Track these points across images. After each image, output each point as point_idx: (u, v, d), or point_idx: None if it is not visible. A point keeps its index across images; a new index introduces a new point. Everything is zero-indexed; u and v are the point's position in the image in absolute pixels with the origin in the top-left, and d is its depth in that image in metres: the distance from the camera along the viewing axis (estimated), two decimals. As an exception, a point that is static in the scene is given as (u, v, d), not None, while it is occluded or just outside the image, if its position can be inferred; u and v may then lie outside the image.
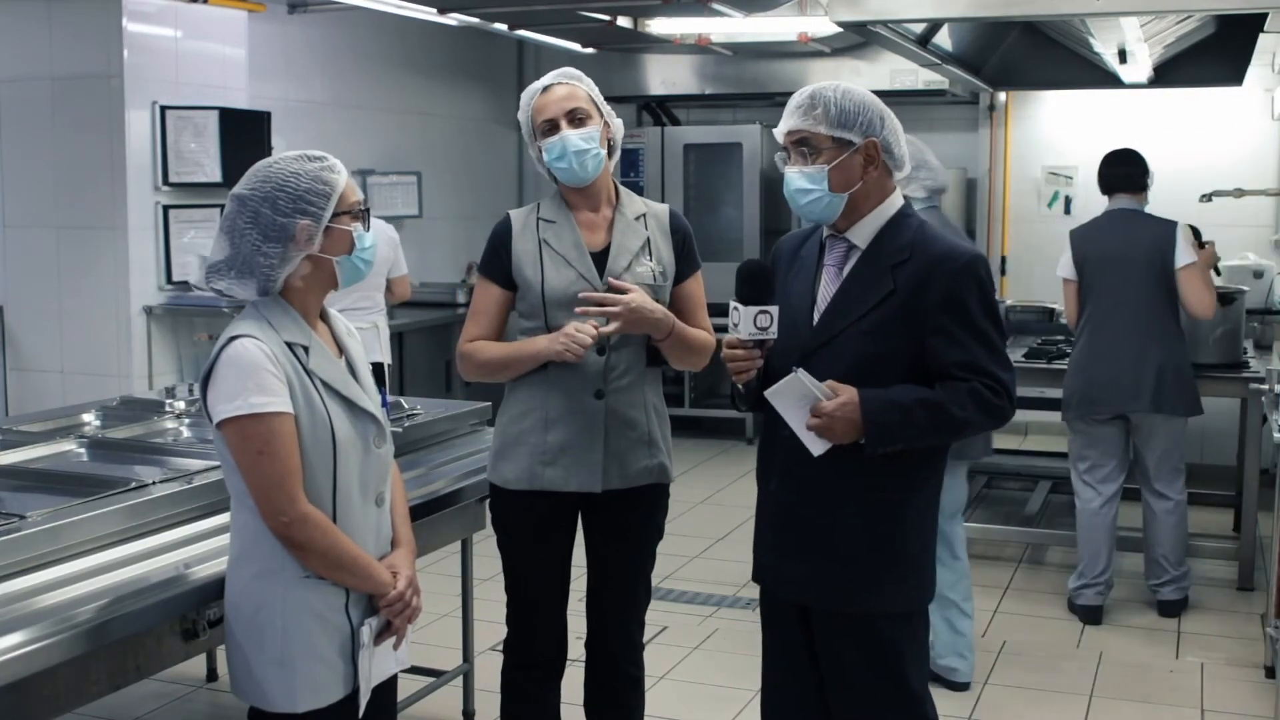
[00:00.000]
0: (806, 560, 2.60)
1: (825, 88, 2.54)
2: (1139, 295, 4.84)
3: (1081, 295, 4.96)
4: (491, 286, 3.03)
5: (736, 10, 6.45)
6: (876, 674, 2.57)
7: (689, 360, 3.08)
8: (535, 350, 2.94)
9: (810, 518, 2.59)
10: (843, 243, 2.60)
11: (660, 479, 3.08)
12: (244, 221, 2.35)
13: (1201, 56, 6.42)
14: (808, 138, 2.53)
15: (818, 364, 2.53)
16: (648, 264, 3.02)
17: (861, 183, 2.53)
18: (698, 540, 6.09)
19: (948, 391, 2.49)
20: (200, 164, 5.95)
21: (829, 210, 2.55)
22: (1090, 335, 4.92)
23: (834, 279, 2.59)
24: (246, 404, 2.27)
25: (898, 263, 2.52)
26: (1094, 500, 4.99)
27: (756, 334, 2.51)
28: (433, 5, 6.58)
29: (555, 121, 2.95)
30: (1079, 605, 5.02)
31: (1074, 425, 5.02)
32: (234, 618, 2.41)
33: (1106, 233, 4.95)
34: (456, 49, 8.46)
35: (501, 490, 3.05)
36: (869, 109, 2.53)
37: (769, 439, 2.68)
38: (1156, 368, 4.81)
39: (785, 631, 2.70)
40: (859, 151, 2.52)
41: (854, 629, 2.57)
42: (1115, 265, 4.87)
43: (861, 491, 2.54)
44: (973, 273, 2.52)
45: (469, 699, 3.99)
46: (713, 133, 8.75)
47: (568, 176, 2.99)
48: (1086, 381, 4.89)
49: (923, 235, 2.56)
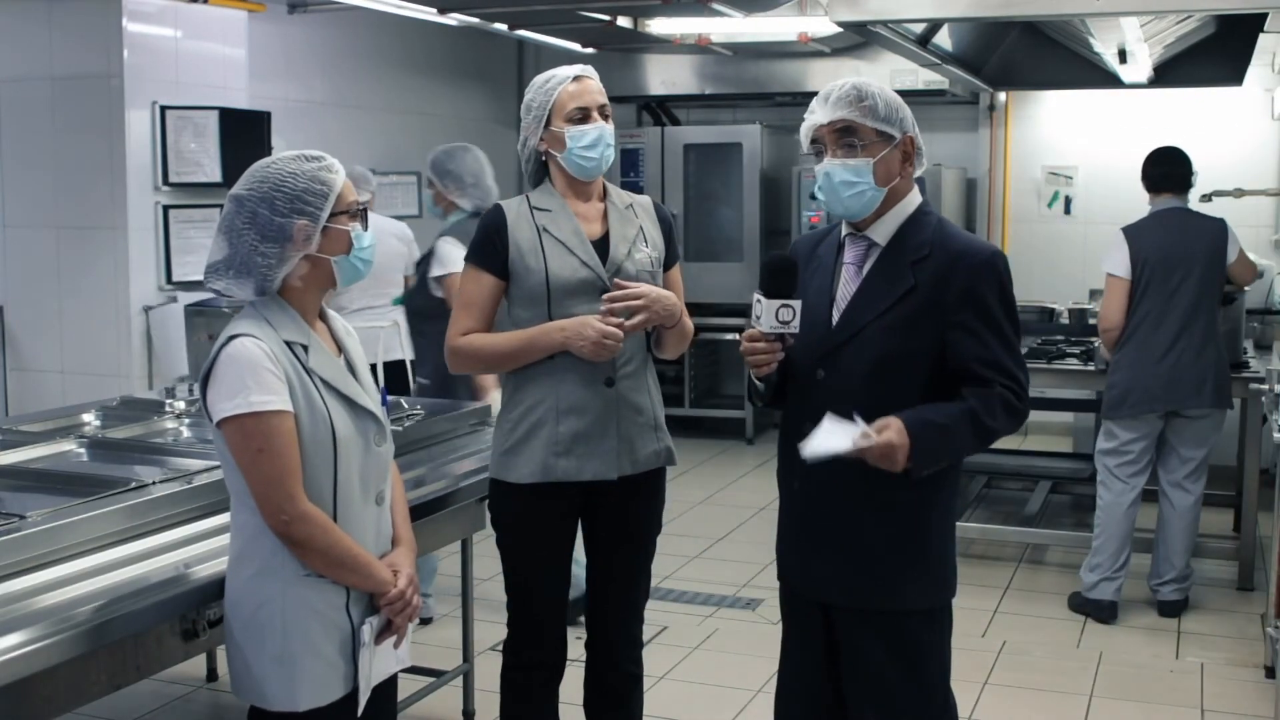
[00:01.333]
0: (830, 559, 2.60)
1: (866, 82, 2.55)
2: (1195, 293, 4.91)
3: (1133, 293, 4.96)
4: (484, 276, 3.01)
5: (736, 10, 6.45)
6: (899, 671, 2.57)
7: (680, 346, 3.13)
8: (550, 342, 2.93)
9: (833, 516, 2.59)
10: (863, 240, 2.60)
11: (667, 462, 3.11)
12: (242, 221, 2.35)
13: (1201, 56, 6.42)
14: (855, 128, 2.52)
15: (840, 362, 2.54)
16: (645, 250, 3.05)
17: (900, 178, 2.55)
18: (698, 540, 6.09)
19: (978, 400, 2.48)
20: (200, 164, 5.95)
21: (869, 204, 2.55)
22: (1147, 333, 4.93)
23: (854, 277, 2.59)
24: (246, 402, 2.27)
25: (918, 259, 2.53)
26: (1126, 494, 5.03)
27: (778, 327, 2.50)
28: (433, 5, 6.58)
29: (589, 111, 2.97)
30: (1093, 600, 5.03)
31: (1118, 422, 5.04)
32: (234, 616, 2.41)
33: (1163, 232, 4.98)
34: (456, 49, 8.45)
35: (510, 487, 3.02)
36: (903, 106, 2.57)
37: (790, 436, 2.68)
38: (1213, 364, 4.91)
39: (806, 628, 2.70)
40: (899, 147, 2.54)
41: (877, 626, 2.56)
42: (1177, 264, 4.92)
43: (883, 490, 2.53)
44: (993, 268, 2.52)
45: (469, 699, 3.99)
46: (713, 133, 8.75)
47: (587, 165, 3.00)
48: (1145, 378, 4.92)
49: (942, 232, 2.56)
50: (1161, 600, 5.07)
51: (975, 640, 4.78)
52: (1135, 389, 4.94)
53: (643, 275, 3.02)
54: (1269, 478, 5.94)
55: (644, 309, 2.92)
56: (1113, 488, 5.06)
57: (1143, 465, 5.04)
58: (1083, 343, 5.91)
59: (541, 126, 3.00)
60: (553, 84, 2.99)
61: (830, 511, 2.59)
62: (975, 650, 4.64)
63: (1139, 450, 5.02)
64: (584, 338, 2.89)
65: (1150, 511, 5.20)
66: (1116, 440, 5.05)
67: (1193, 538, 5.10)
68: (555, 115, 2.97)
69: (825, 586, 2.63)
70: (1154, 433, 5.02)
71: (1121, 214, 5.38)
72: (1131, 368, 4.96)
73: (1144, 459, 5.03)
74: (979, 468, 6.64)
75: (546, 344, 2.94)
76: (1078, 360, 5.58)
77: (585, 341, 2.89)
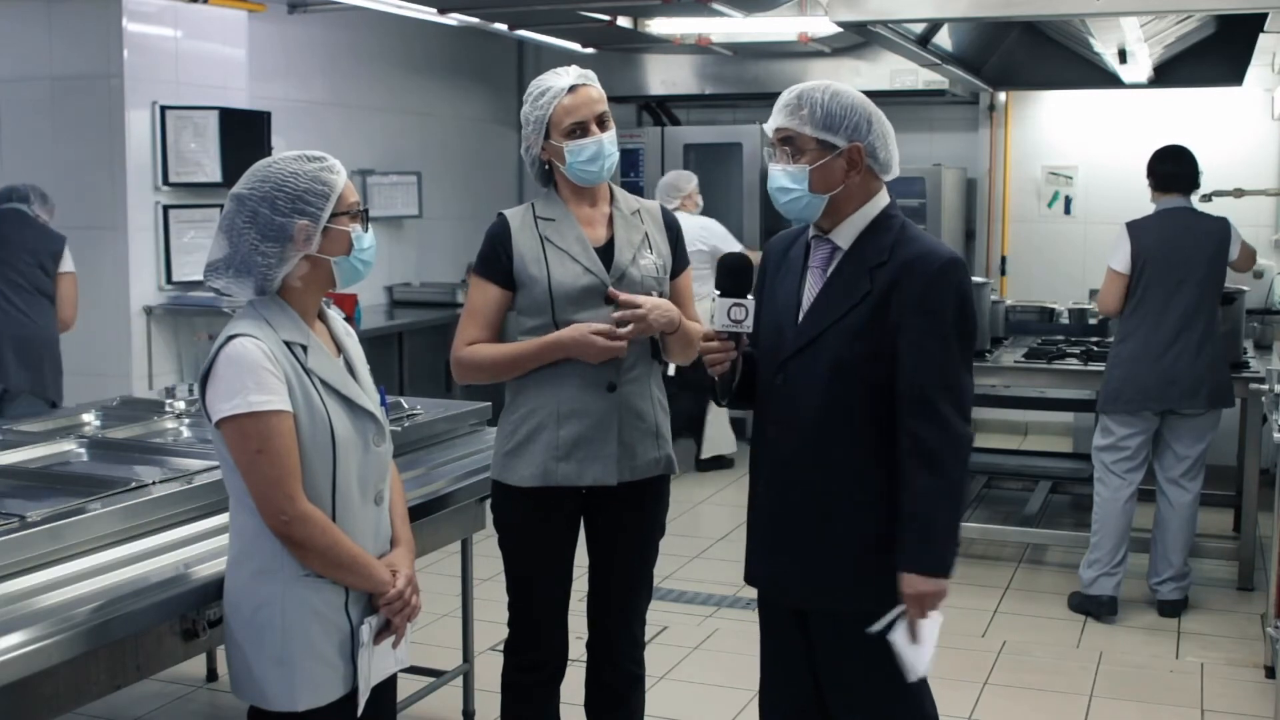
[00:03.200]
0: (798, 562, 2.60)
1: (815, 88, 2.53)
2: (1196, 292, 4.93)
3: (1131, 289, 5.00)
4: (490, 287, 3.02)
5: (736, 10, 6.44)
6: (874, 673, 2.57)
7: (687, 353, 3.10)
8: (555, 343, 2.92)
9: (799, 519, 2.58)
10: (827, 244, 2.59)
11: (667, 470, 3.11)
12: (242, 221, 2.35)
13: (1201, 56, 6.42)
14: (792, 137, 2.53)
15: (800, 365, 2.54)
16: (649, 257, 3.04)
17: (843, 186, 2.53)
18: (698, 540, 6.09)
19: (918, 469, 2.45)
20: (200, 164, 5.95)
21: (808, 210, 2.56)
22: (1149, 331, 4.95)
23: (818, 280, 2.59)
24: (245, 403, 2.27)
25: (877, 264, 2.51)
26: (1122, 490, 5.04)
27: (730, 326, 2.52)
28: (433, 5, 6.58)
29: (586, 124, 2.95)
30: (1093, 595, 5.04)
31: (1114, 417, 5.05)
32: (233, 617, 2.41)
33: (1168, 230, 5.00)
34: (456, 49, 8.45)
35: (511, 490, 3.02)
36: (856, 112, 2.51)
37: (756, 441, 2.69)
38: (1210, 365, 4.92)
39: (782, 634, 2.70)
40: (842, 155, 2.51)
41: (849, 629, 2.56)
42: (1179, 264, 4.94)
43: (849, 491, 2.54)
44: (946, 276, 2.49)
45: (469, 699, 3.99)
46: (713, 133, 8.74)
47: (589, 178, 2.99)
48: (1142, 375, 4.94)
49: (903, 236, 2.54)
50: (1161, 600, 5.07)
51: (975, 640, 4.78)
52: (1132, 385, 4.96)
53: (647, 282, 3.01)
54: (1269, 478, 5.93)
55: (639, 319, 2.92)
56: (1109, 484, 5.07)
57: (1139, 461, 5.05)
58: (1083, 343, 5.91)
59: (541, 138, 2.99)
60: (548, 97, 2.96)
61: (795, 514, 2.59)
62: (975, 650, 4.64)
63: (1135, 446, 5.03)
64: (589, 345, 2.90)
65: (1149, 511, 5.20)
66: (1113, 436, 5.06)
67: (1190, 536, 5.10)
68: (553, 130, 2.95)
69: (794, 590, 2.63)
70: (1150, 429, 5.03)
71: (1122, 214, 5.37)
72: (1129, 364, 4.97)
73: (1140, 455, 5.04)
74: (979, 468, 6.64)
75: (549, 357, 2.94)
76: (1078, 360, 5.57)
77: (592, 346, 2.90)
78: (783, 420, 2.59)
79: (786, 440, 2.58)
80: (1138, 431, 5.02)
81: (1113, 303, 5.07)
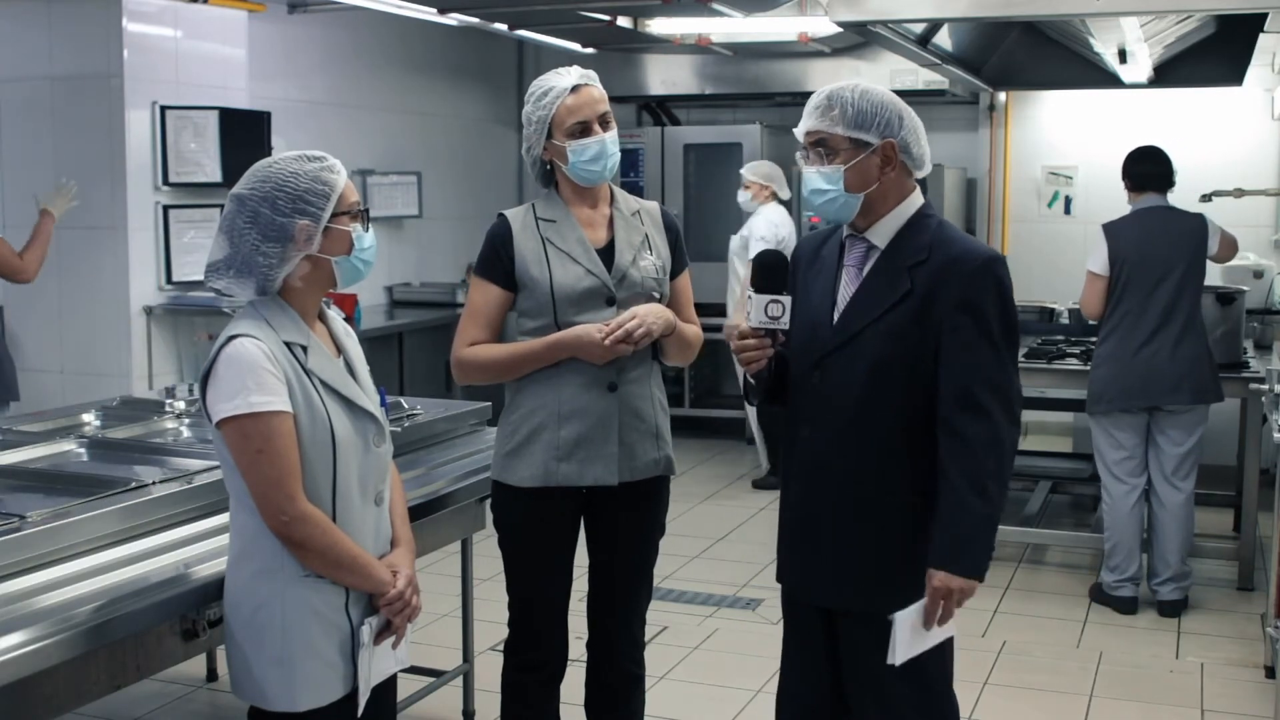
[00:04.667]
0: (828, 564, 2.60)
1: (843, 88, 2.53)
2: (1175, 290, 4.94)
3: (1111, 290, 5.01)
4: (491, 288, 3.02)
5: (736, 10, 6.44)
6: (899, 675, 2.56)
7: (684, 354, 3.11)
8: (557, 344, 2.93)
9: (831, 522, 2.59)
10: (862, 243, 2.59)
11: (666, 471, 3.11)
12: (243, 221, 2.35)
13: (1201, 56, 6.42)
14: (825, 138, 2.53)
15: (836, 364, 2.53)
16: (649, 258, 3.04)
17: (879, 183, 2.53)
18: (698, 540, 6.09)
19: (958, 471, 2.47)
20: (200, 164, 5.95)
21: (845, 210, 2.55)
22: (1127, 330, 4.97)
23: (854, 279, 2.58)
24: (246, 403, 2.27)
25: (916, 263, 2.51)
26: (1129, 493, 5.06)
27: (767, 323, 2.51)
28: (433, 5, 6.58)
29: (589, 124, 2.95)
30: (1117, 597, 5.08)
31: (1103, 419, 5.07)
32: (233, 617, 2.41)
33: (1144, 231, 5.02)
34: (456, 49, 8.45)
35: (511, 490, 3.02)
36: (887, 109, 2.53)
37: (789, 442, 2.68)
38: (1191, 360, 4.92)
39: (807, 633, 2.70)
40: (876, 152, 2.52)
41: (877, 631, 2.55)
42: (1157, 262, 4.95)
43: (881, 496, 2.54)
44: (989, 274, 2.50)
45: (469, 699, 3.99)
46: (713, 133, 8.75)
47: (592, 178, 2.99)
48: (1124, 374, 4.96)
49: (941, 235, 2.55)
50: (1161, 600, 5.08)
51: (975, 640, 4.77)
52: (1114, 385, 4.99)
53: (647, 283, 3.01)
54: (1269, 478, 5.93)
55: (636, 328, 2.92)
56: (1114, 489, 5.09)
57: (1139, 463, 5.08)
58: (1083, 343, 5.91)
59: (543, 138, 2.98)
60: (550, 97, 2.96)
61: (828, 517, 2.59)
62: (975, 650, 4.64)
63: (1131, 446, 5.06)
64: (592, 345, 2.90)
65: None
66: (1109, 439, 5.08)
67: (1187, 536, 5.09)
68: (555, 129, 2.95)
69: (823, 591, 2.63)
70: (1141, 426, 5.05)
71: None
72: (1110, 364, 5.01)
73: (1138, 456, 5.07)
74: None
75: (550, 358, 2.95)
76: (1078, 360, 5.58)
77: (595, 347, 2.90)
78: (817, 418, 2.58)
79: (821, 438, 2.58)
80: (1130, 431, 5.04)
81: (1094, 305, 5.08)
